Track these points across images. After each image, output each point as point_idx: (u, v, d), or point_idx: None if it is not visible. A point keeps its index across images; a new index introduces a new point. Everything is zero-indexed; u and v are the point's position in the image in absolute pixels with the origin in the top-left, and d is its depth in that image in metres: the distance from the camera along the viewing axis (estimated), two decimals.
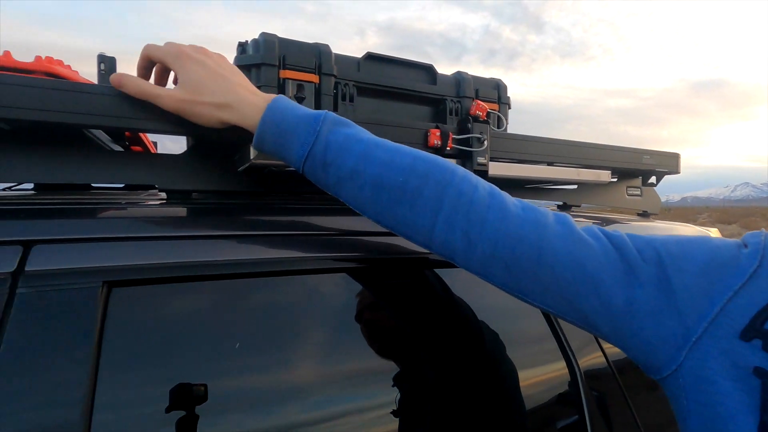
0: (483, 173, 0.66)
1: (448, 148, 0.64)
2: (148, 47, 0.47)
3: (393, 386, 0.53)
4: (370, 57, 0.68)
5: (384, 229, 0.46)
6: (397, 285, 0.59)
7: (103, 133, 0.66)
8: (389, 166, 0.42)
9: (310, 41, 0.65)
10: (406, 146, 0.45)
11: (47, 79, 0.45)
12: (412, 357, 0.58)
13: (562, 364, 0.64)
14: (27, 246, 0.39)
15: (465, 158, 0.66)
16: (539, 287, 0.40)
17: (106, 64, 0.61)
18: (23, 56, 0.50)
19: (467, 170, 0.45)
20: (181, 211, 0.50)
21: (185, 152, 0.56)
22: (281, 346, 0.49)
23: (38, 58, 0.49)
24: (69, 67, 0.57)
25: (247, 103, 0.45)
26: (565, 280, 0.39)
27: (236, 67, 0.49)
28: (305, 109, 0.46)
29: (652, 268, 0.38)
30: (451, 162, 0.46)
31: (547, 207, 0.89)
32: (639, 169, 0.89)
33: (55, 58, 0.53)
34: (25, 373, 0.35)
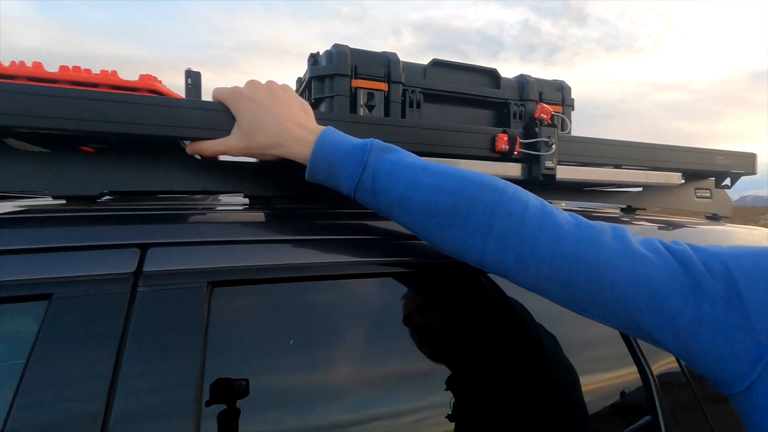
0: (550, 177, 0.66)
1: (515, 153, 0.65)
2: (215, 91, 0.51)
3: (447, 389, 0.54)
4: (436, 63, 0.70)
5: None
6: (450, 287, 0.60)
7: None
8: (437, 190, 0.43)
9: (377, 51, 0.67)
10: (454, 168, 0.46)
11: (152, 96, 0.49)
12: (466, 360, 0.58)
13: (634, 369, 0.63)
14: (143, 249, 0.43)
15: (532, 162, 0.66)
16: (598, 305, 0.40)
17: (193, 78, 0.66)
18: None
19: (517, 187, 0.45)
20: (269, 216, 0.53)
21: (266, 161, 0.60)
22: (363, 346, 0.51)
23: (142, 76, 0.54)
24: (160, 82, 0.62)
25: (297, 139, 0.47)
26: (626, 299, 0.38)
27: (294, 99, 0.51)
28: (352, 140, 0.47)
29: (721, 284, 0.36)
30: (501, 180, 0.45)
31: (609, 211, 0.87)
32: (712, 171, 0.85)
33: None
34: (147, 362, 0.39)
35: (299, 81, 0.84)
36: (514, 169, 0.66)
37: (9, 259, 0.39)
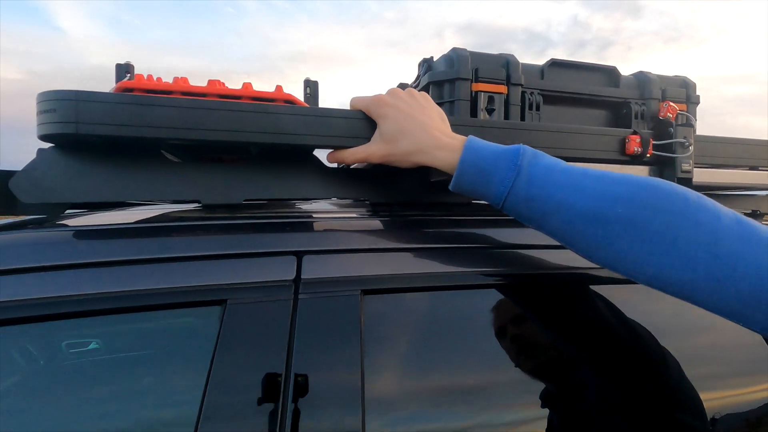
0: (687, 181, 0.61)
1: (648, 155, 0.61)
2: (353, 100, 0.51)
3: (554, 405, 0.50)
4: (554, 63, 0.67)
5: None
6: (556, 299, 0.56)
7: None
8: (603, 197, 0.39)
9: (495, 53, 0.65)
10: (614, 173, 0.42)
11: (300, 107, 0.51)
12: (572, 376, 0.54)
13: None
14: (299, 256, 0.44)
15: (664, 165, 0.62)
16: None
17: (311, 87, 0.68)
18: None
19: (700, 194, 0.40)
20: (406, 223, 0.53)
21: (389, 168, 0.60)
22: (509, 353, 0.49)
23: (278, 87, 0.56)
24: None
25: (442, 146, 0.46)
26: None
27: (433, 107, 0.50)
28: (500, 146, 0.45)
29: None
30: (678, 185, 0.41)
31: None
32: None
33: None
34: (312, 369, 0.40)
35: (401, 86, 0.84)
36: (644, 173, 0.62)
37: (187, 266, 0.41)
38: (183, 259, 0.41)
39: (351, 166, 0.57)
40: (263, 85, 0.54)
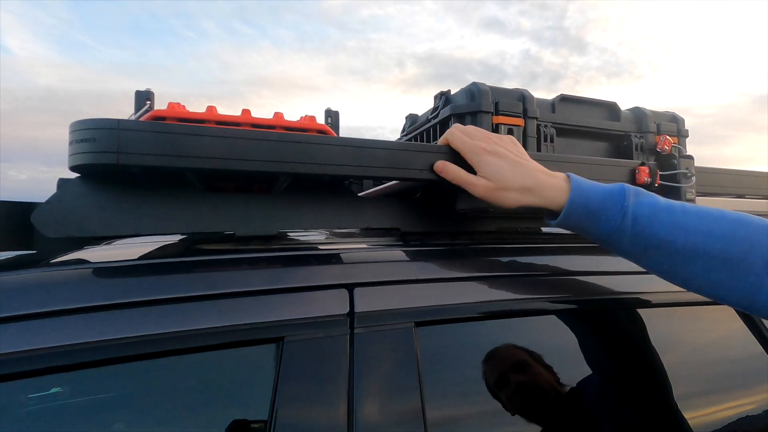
0: None
1: (656, 185, 0.64)
2: (453, 136, 0.51)
3: None
4: (564, 99, 0.71)
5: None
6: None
7: None
8: (706, 234, 0.42)
9: (511, 88, 0.68)
10: (713, 209, 0.45)
11: (333, 137, 0.51)
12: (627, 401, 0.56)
13: None
14: (350, 289, 0.43)
15: (670, 194, 0.66)
16: None
17: (332, 117, 0.68)
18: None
19: None
20: (445, 253, 0.53)
21: (418, 197, 0.60)
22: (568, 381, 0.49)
23: (310, 117, 0.56)
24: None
25: (549, 186, 0.47)
26: None
27: (523, 149, 0.52)
28: (603, 185, 0.47)
29: None
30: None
31: None
32: None
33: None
34: (376, 400, 0.39)
35: (412, 117, 0.86)
36: None
37: (243, 302, 0.39)
38: (236, 295, 0.39)
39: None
40: (226, 110, 0.53)
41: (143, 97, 0.58)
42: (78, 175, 0.45)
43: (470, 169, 0.50)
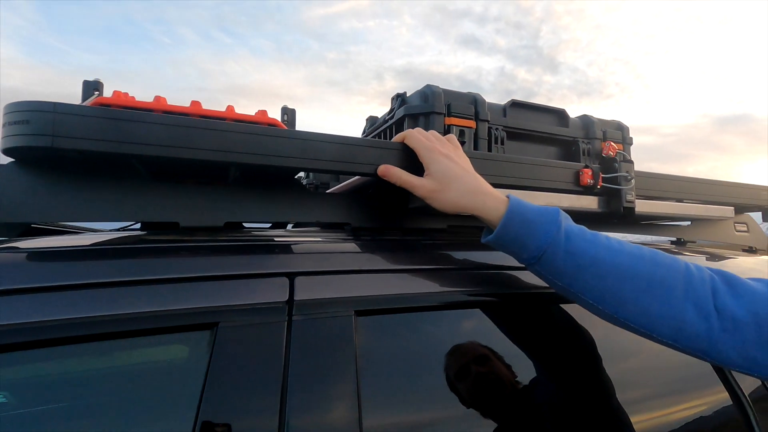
0: (631, 210, 0.69)
1: (598, 187, 0.68)
2: (410, 134, 0.53)
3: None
4: (515, 104, 0.74)
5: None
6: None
7: None
8: (631, 255, 0.44)
9: (464, 91, 0.71)
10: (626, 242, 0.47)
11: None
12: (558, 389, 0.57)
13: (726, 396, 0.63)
14: (291, 278, 0.44)
15: (612, 196, 0.69)
16: None
17: (289, 115, 0.69)
18: None
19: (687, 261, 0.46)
20: (390, 245, 0.54)
21: (371, 193, 0.61)
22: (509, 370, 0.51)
23: (262, 111, 0.56)
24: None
25: (490, 194, 0.49)
26: None
27: (470, 163, 0.54)
28: (538, 205, 0.49)
29: None
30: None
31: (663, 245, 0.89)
32: (760, 205, 0.90)
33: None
34: (310, 388, 0.39)
35: (372, 119, 0.88)
36: (595, 203, 0.69)
37: (177, 288, 0.39)
38: (171, 281, 0.39)
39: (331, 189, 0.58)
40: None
41: (91, 87, 0.57)
42: (12, 159, 0.44)
43: (417, 172, 0.52)
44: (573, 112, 0.81)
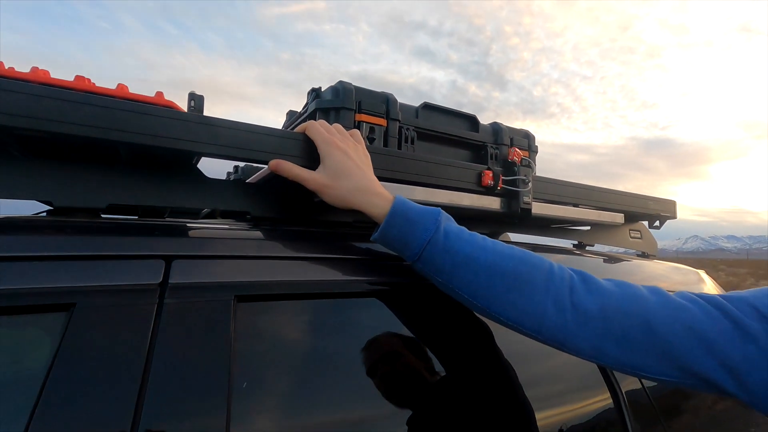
0: (527, 211, 0.74)
1: (498, 188, 0.72)
2: (312, 125, 0.54)
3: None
4: (427, 106, 0.77)
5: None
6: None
7: None
8: (502, 254, 0.47)
9: (377, 90, 0.73)
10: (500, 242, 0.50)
11: (168, 109, 0.49)
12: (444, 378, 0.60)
13: (607, 395, 0.67)
14: (168, 260, 0.42)
15: (512, 197, 0.74)
16: (653, 359, 0.42)
17: (196, 101, 0.67)
18: None
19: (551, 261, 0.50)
20: (283, 234, 0.54)
21: (269, 181, 0.61)
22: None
23: (159, 93, 0.54)
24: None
25: (378, 193, 0.51)
26: (678, 346, 0.41)
27: (369, 162, 0.55)
28: (421, 205, 0.51)
29: (757, 324, 0.40)
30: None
31: (561, 246, 0.96)
32: (646, 213, 0.99)
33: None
34: (175, 373, 0.38)
35: (291, 114, 0.87)
36: (496, 203, 0.74)
37: (30, 266, 0.36)
38: (22, 259, 0.37)
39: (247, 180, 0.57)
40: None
41: None
42: None
43: (316, 163, 0.53)
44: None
